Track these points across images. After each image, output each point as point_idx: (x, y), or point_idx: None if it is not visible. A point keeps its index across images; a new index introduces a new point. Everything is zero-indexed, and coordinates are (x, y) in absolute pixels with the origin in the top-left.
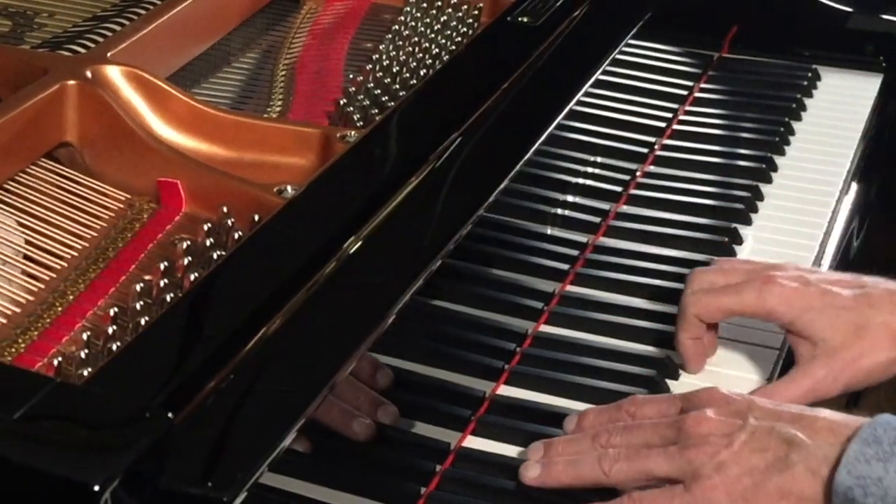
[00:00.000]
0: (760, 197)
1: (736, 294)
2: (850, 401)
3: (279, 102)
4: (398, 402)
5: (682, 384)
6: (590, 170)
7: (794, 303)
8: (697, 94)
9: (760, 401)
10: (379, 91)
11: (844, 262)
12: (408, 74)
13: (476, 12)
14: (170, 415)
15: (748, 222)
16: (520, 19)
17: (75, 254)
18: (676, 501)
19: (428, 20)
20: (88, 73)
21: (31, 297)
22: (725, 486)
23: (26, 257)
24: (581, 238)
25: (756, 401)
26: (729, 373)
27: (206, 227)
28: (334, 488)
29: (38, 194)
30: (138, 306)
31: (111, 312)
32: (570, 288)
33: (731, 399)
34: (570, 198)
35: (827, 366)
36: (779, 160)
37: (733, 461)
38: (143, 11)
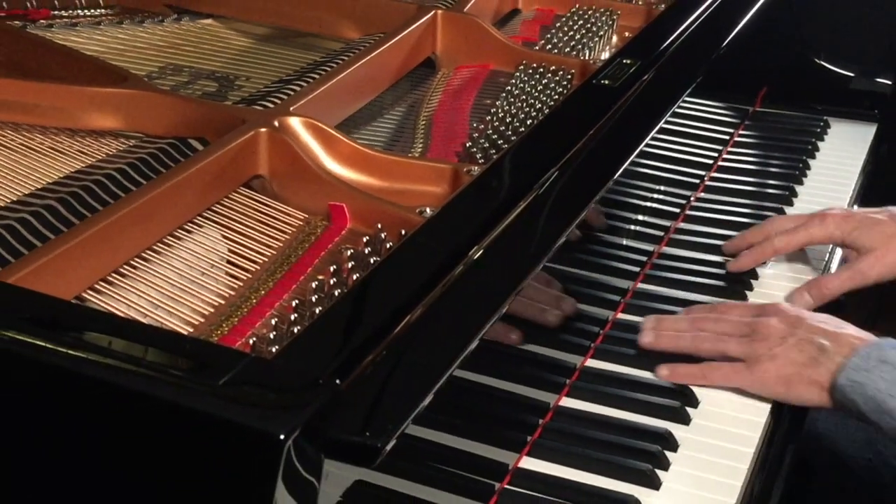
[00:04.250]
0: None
1: (805, 229)
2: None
3: (420, 145)
4: (510, 372)
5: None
6: (655, 195)
7: (844, 225)
8: (737, 139)
9: (808, 315)
10: (496, 136)
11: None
12: (517, 124)
13: (569, 76)
14: (337, 381)
15: None
16: (602, 82)
17: (266, 259)
18: (739, 375)
19: (533, 82)
20: (276, 123)
21: (232, 293)
22: (775, 369)
23: (229, 262)
24: (648, 247)
25: (804, 317)
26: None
27: (364, 240)
28: (461, 436)
29: (237, 214)
30: (314, 299)
31: (293, 304)
32: (641, 285)
33: (788, 313)
34: (640, 216)
35: (863, 260)
36: (798, 188)
37: (783, 355)
38: (317, 76)
